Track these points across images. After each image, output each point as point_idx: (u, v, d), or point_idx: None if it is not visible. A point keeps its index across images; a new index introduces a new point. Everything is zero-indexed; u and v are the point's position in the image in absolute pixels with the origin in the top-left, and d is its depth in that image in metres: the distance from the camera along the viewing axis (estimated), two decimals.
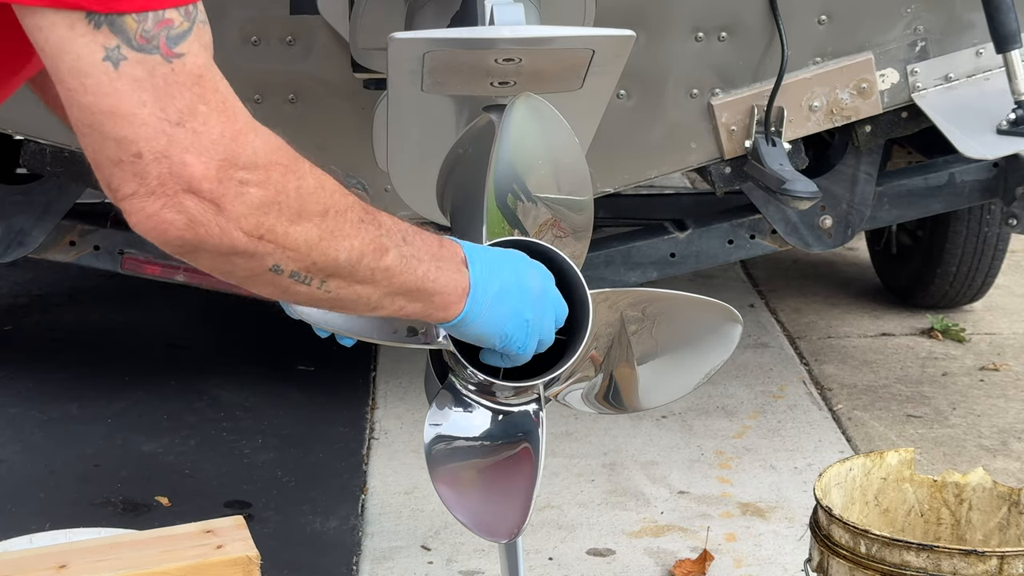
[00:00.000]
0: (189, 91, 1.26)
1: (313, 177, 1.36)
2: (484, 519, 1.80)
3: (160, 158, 1.25)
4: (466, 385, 1.77)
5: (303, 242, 1.36)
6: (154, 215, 1.27)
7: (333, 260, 1.39)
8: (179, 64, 1.25)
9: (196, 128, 1.26)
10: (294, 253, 1.36)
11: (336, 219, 1.38)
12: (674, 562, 3.08)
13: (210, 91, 1.27)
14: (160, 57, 1.24)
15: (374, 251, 1.42)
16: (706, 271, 4.48)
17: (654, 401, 2.04)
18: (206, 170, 1.27)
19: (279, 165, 1.33)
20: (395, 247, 1.45)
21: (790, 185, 3.11)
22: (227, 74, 1.33)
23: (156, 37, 1.24)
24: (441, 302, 1.52)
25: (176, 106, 1.25)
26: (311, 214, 1.35)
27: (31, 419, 3.79)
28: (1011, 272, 4.90)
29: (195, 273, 3.55)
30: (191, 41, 1.26)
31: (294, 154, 1.36)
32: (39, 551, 1.98)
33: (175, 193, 1.26)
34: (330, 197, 1.38)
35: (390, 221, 1.47)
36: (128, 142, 1.25)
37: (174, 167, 1.25)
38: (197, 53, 1.27)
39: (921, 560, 2.12)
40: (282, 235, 1.34)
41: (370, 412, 3.84)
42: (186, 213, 1.28)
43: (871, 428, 3.77)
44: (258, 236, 1.32)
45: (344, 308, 1.49)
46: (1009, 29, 3.08)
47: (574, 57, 2.06)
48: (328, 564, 3.08)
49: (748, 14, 3.25)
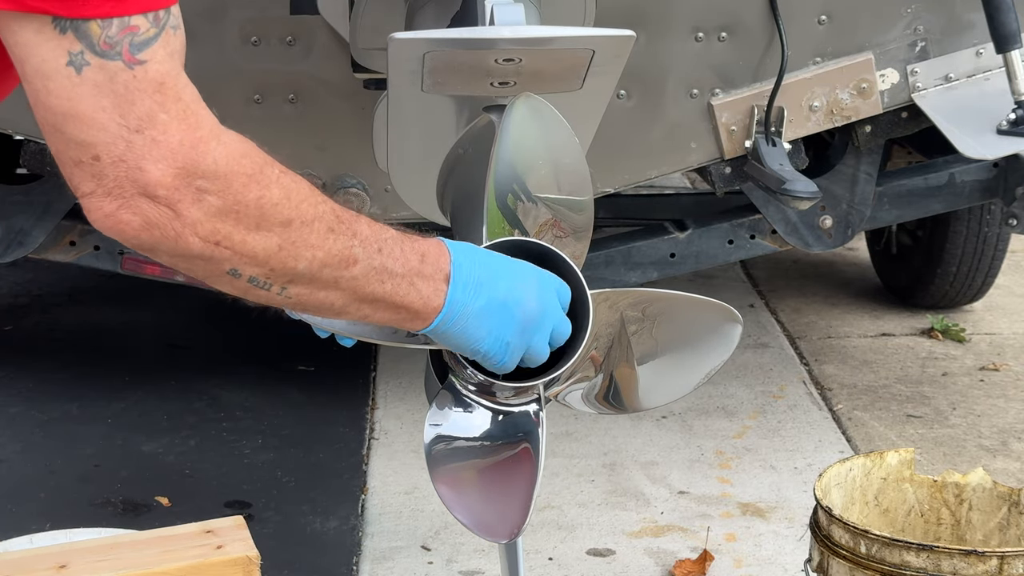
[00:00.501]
0: (150, 98, 1.27)
1: (279, 187, 1.36)
2: (484, 519, 1.80)
3: (117, 162, 1.27)
4: (466, 385, 1.76)
5: (261, 250, 1.36)
6: (111, 215, 1.29)
7: (292, 269, 1.40)
8: (141, 71, 1.26)
9: (155, 136, 1.27)
10: (252, 260, 1.37)
11: (300, 230, 1.38)
12: (674, 562, 3.08)
13: (171, 99, 1.28)
14: (122, 63, 1.26)
15: (339, 262, 1.42)
16: (706, 271, 4.48)
17: (654, 401, 2.04)
18: (162, 177, 1.28)
19: (241, 175, 1.33)
20: (366, 259, 1.45)
21: (790, 185, 3.11)
22: (227, 74, 1.33)
23: (119, 43, 1.25)
24: (408, 316, 1.52)
25: (136, 113, 1.26)
26: (272, 224, 1.36)
27: (31, 419, 3.79)
28: (1011, 272, 4.91)
29: None
30: (156, 48, 1.27)
31: (262, 163, 1.36)
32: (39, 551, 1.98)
33: (131, 196, 1.28)
34: (296, 208, 1.38)
35: (368, 230, 1.46)
36: (87, 145, 1.26)
37: (131, 172, 1.27)
38: (161, 60, 1.28)
39: (921, 560, 2.12)
40: (239, 243, 1.35)
41: (370, 412, 3.84)
42: (142, 215, 1.29)
43: (871, 428, 3.77)
44: (214, 242, 1.33)
45: (308, 311, 1.50)
46: (1009, 29, 3.08)
47: (574, 57, 2.06)
48: (328, 564, 3.08)
49: (748, 14, 3.25)
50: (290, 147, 1.53)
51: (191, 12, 3.18)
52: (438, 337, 1.57)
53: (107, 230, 1.31)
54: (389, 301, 1.49)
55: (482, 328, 1.57)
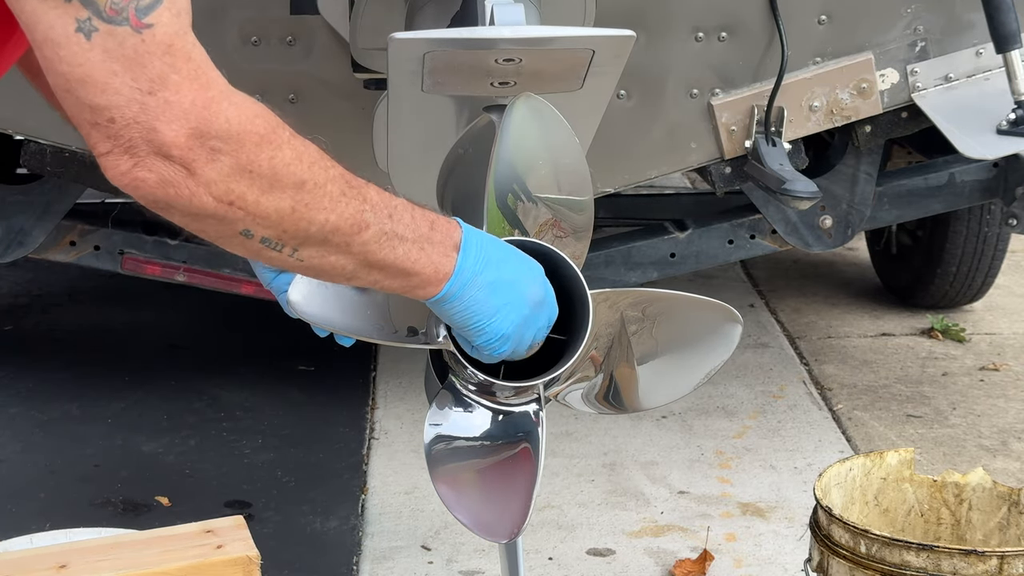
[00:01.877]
0: (160, 60, 1.28)
1: (291, 149, 1.37)
2: (484, 519, 1.80)
3: (132, 124, 1.29)
4: (466, 385, 1.77)
5: (274, 211, 1.38)
6: (127, 172, 1.31)
7: (305, 231, 1.41)
8: (149, 34, 1.28)
9: (167, 97, 1.29)
10: (265, 220, 1.38)
11: (313, 192, 1.39)
12: (674, 562, 3.08)
13: (182, 60, 1.30)
14: (130, 28, 1.27)
15: (351, 225, 1.43)
16: (706, 271, 4.48)
17: (654, 401, 2.04)
18: (176, 137, 1.29)
19: (253, 134, 1.34)
20: (377, 223, 1.46)
21: (790, 185, 3.11)
22: (227, 74, 1.33)
23: (125, 9, 1.27)
24: (419, 281, 1.52)
25: (147, 75, 1.28)
26: (285, 185, 1.37)
27: (31, 419, 3.79)
28: (1011, 272, 4.91)
29: (195, 273, 3.55)
30: (161, 11, 1.28)
31: (274, 124, 1.37)
32: (39, 551, 1.97)
33: (147, 155, 1.30)
34: (308, 169, 1.39)
35: (377, 196, 1.47)
36: (102, 108, 1.28)
37: (146, 133, 1.29)
38: (168, 22, 1.29)
39: (921, 560, 2.12)
40: (252, 203, 1.36)
41: (370, 412, 3.84)
42: (157, 173, 1.31)
43: (871, 428, 3.77)
44: (228, 202, 1.35)
45: (318, 275, 1.51)
46: (1009, 29, 3.08)
47: (574, 57, 2.06)
48: (328, 564, 3.08)
49: (748, 14, 3.25)
50: None
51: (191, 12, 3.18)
52: (447, 308, 1.56)
53: (124, 187, 1.33)
54: (399, 266, 1.49)
55: (490, 303, 1.57)
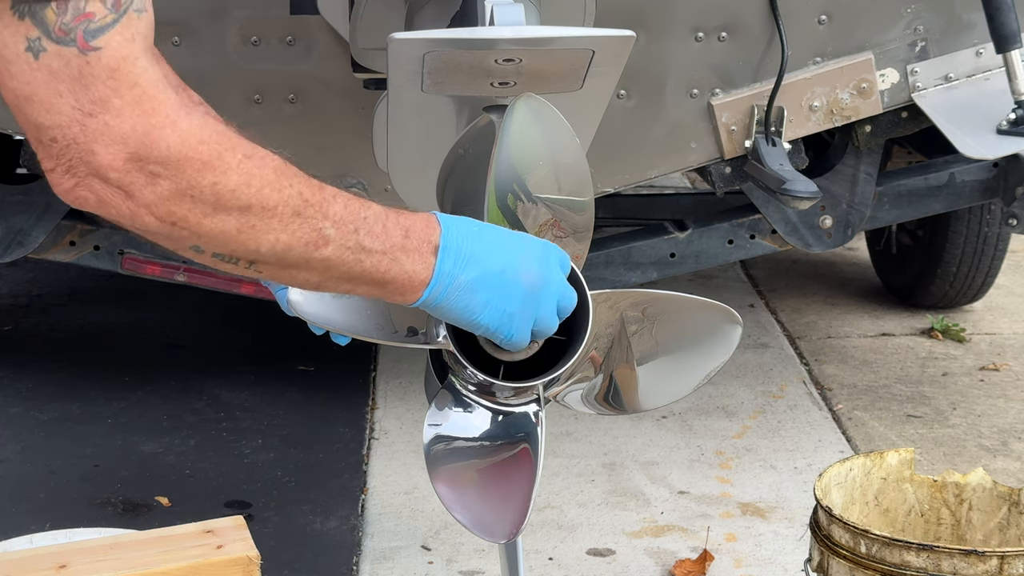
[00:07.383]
0: (103, 84, 1.30)
1: (239, 173, 1.38)
2: (483, 519, 1.80)
3: (72, 144, 1.31)
4: (466, 385, 1.77)
5: (219, 232, 1.39)
6: (70, 191, 1.34)
7: (255, 251, 1.42)
8: (95, 57, 1.30)
9: (108, 120, 1.31)
10: (211, 240, 1.40)
11: (260, 214, 1.40)
12: (674, 562, 3.08)
13: (126, 85, 1.31)
14: (76, 50, 1.29)
15: (306, 244, 1.44)
16: (706, 271, 4.48)
17: (654, 402, 2.04)
18: (112, 161, 1.32)
19: (195, 160, 1.35)
20: (339, 239, 1.46)
21: (790, 185, 3.11)
22: (227, 74, 1.34)
23: (74, 30, 1.29)
24: (394, 290, 1.53)
25: (89, 97, 1.30)
26: (229, 209, 1.38)
27: (31, 419, 3.79)
28: (1011, 272, 4.91)
29: (195, 273, 3.55)
30: (112, 35, 1.30)
31: (221, 149, 1.37)
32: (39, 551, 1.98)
33: (85, 175, 1.33)
34: (256, 194, 1.39)
35: (344, 210, 1.47)
36: (46, 127, 1.31)
37: (84, 155, 1.31)
38: (117, 46, 1.30)
39: (921, 560, 2.12)
40: (195, 224, 1.38)
41: (370, 412, 3.84)
42: (96, 194, 1.34)
43: (871, 428, 3.77)
44: (171, 222, 1.37)
45: (286, 284, 1.54)
46: (1009, 29, 3.08)
47: (574, 57, 2.06)
48: (328, 564, 3.08)
49: (748, 14, 3.25)
50: (290, 147, 1.53)
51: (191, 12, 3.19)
52: (435, 311, 1.57)
53: (69, 202, 1.36)
54: (369, 278, 1.50)
55: (477, 299, 1.56)
